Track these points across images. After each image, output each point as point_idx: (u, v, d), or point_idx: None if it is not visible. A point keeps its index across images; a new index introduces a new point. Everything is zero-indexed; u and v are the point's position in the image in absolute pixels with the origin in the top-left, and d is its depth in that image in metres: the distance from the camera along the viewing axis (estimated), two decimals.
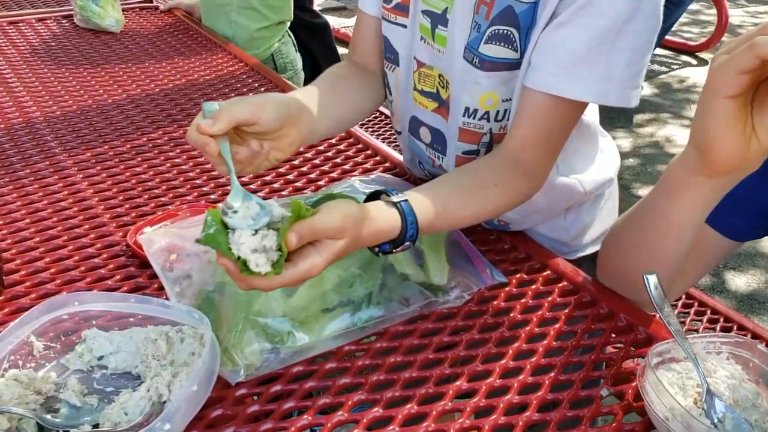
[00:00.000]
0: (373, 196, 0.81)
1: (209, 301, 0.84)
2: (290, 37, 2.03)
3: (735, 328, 1.40)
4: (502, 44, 0.86)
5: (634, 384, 0.79)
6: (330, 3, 4.37)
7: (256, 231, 0.67)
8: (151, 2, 2.17)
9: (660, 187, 0.80)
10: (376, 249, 0.79)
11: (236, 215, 0.68)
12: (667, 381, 0.74)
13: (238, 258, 0.65)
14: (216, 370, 0.72)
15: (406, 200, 0.78)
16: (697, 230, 0.80)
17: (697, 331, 1.42)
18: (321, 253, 0.69)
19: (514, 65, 0.87)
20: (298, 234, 0.67)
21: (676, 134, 3.95)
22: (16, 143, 1.26)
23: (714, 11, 5.25)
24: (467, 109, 0.93)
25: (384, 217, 0.76)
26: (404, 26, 0.98)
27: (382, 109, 2.16)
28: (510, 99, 0.90)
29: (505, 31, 0.86)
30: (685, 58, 5.20)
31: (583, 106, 0.88)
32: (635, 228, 0.85)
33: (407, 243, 0.78)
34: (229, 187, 1.12)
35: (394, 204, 0.77)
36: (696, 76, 4.86)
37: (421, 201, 0.80)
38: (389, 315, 0.85)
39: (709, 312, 1.47)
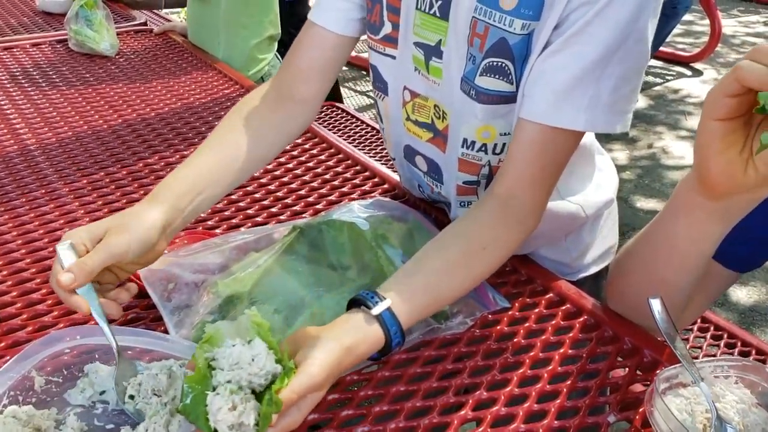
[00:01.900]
0: (353, 303, 0.78)
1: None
2: (279, 60, 2.03)
3: (739, 344, 1.39)
4: (497, 76, 0.85)
5: (641, 409, 0.78)
6: None
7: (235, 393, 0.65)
8: (146, 25, 2.17)
9: (667, 206, 0.79)
10: None
11: (222, 356, 0.67)
12: (676, 407, 0.73)
13: (215, 430, 0.64)
14: None
15: (388, 309, 0.75)
16: (704, 261, 0.78)
17: (700, 348, 1.41)
18: (301, 408, 0.68)
19: (510, 98, 0.86)
20: (283, 417, 0.66)
21: (672, 146, 3.96)
22: (11, 170, 1.25)
23: (707, 22, 5.29)
24: (465, 140, 0.92)
25: (365, 339, 0.74)
26: (393, 57, 0.97)
27: (372, 123, 2.16)
28: (508, 133, 0.89)
29: (500, 64, 0.85)
30: (679, 68, 5.22)
31: (577, 136, 0.86)
32: (642, 252, 0.84)
33: (395, 350, 0.78)
34: (226, 214, 1.12)
35: (375, 318, 0.75)
36: (690, 86, 4.88)
37: (404, 299, 0.77)
38: None
39: (712, 328, 1.46)
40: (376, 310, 0.75)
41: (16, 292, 0.94)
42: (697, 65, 5.25)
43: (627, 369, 0.84)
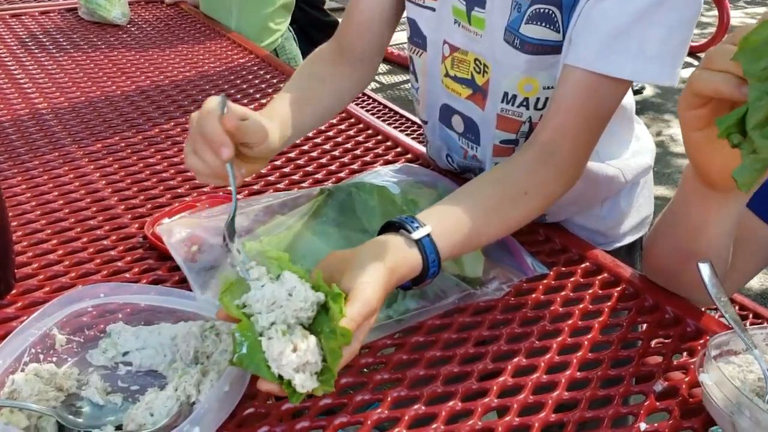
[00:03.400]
0: (389, 226, 0.74)
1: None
2: (291, 32, 1.99)
3: (766, 324, 1.36)
4: (544, 24, 0.82)
5: (687, 379, 0.75)
6: (339, 3, 4.37)
7: (286, 328, 0.61)
8: None
9: (678, 192, 0.79)
10: None
11: (255, 300, 0.63)
12: (728, 374, 0.70)
13: (280, 377, 0.60)
14: None
15: (428, 235, 0.72)
16: (727, 236, 0.77)
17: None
18: (358, 337, 0.64)
19: (556, 48, 0.83)
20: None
21: (679, 134, 3.91)
22: (23, 134, 1.22)
23: (715, 12, 5.24)
24: (506, 94, 0.89)
25: (405, 263, 0.70)
26: (432, 9, 0.94)
27: (392, 105, 2.12)
28: (551, 87, 0.86)
29: (547, 11, 0.81)
30: (687, 58, 5.18)
31: (622, 87, 0.83)
32: (669, 229, 0.82)
33: (428, 280, 0.74)
34: (247, 181, 1.08)
35: (416, 242, 0.71)
36: None
37: (444, 230, 0.73)
38: (426, 307, 0.80)
39: (737, 308, 1.43)
40: (417, 235, 0.71)
41: (31, 253, 0.90)
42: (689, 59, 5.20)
43: (670, 339, 0.81)
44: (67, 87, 1.42)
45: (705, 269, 0.75)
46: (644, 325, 0.83)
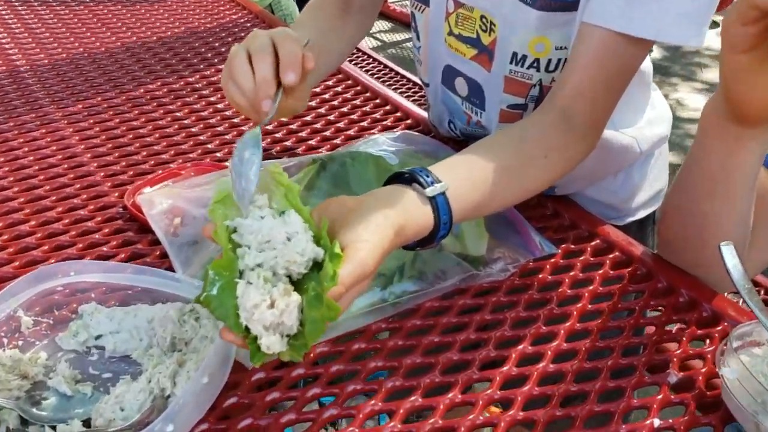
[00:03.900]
0: (398, 177, 0.67)
1: None
2: None
3: None
4: None
5: (703, 369, 0.69)
6: None
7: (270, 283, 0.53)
8: None
9: (697, 140, 0.73)
10: None
11: (249, 231, 0.55)
12: (752, 369, 0.64)
13: (247, 329, 0.52)
14: (232, 354, 0.62)
15: (443, 194, 0.65)
16: (749, 188, 0.72)
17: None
18: (344, 301, 0.56)
19: (571, 5, 0.76)
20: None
21: (687, 98, 3.84)
22: None
23: None
24: (515, 54, 0.81)
25: (414, 222, 0.63)
26: None
27: (393, 66, 2.03)
28: (564, 47, 0.79)
29: None
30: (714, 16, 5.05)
31: (644, 48, 0.76)
32: (684, 192, 0.77)
33: (434, 244, 0.67)
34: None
35: (429, 199, 0.65)
36: (706, 38, 4.72)
37: (459, 189, 0.66)
38: (424, 289, 0.74)
39: (762, 292, 1.37)
40: (431, 191, 0.64)
41: (2, 223, 0.84)
42: (715, 17, 5.07)
43: (685, 324, 0.75)
44: (48, 43, 1.34)
45: (727, 252, 0.68)
46: (658, 309, 0.78)
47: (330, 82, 1.24)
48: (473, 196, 0.68)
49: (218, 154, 1.01)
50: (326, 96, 1.20)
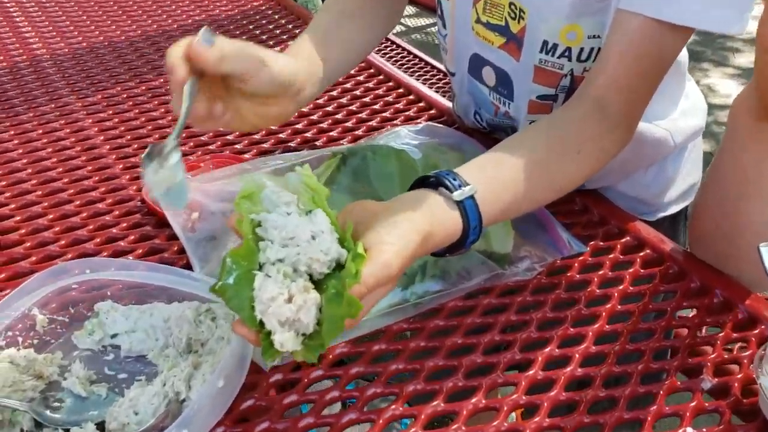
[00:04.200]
0: (424, 182, 0.65)
1: None
2: None
3: None
4: None
5: (739, 375, 0.66)
6: None
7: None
8: None
9: (728, 136, 0.69)
10: None
11: (273, 226, 0.54)
12: None
13: (261, 324, 0.51)
14: (249, 355, 0.60)
15: (471, 197, 0.62)
16: None
17: None
18: (366, 303, 0.54)
19: None
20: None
21: (719, 84, 3.75)
22: (19, 83, 1.14)
23: None
24: (545, 43, 0.78)
25: (442, 229, 0.61)
26: None
27: (417, 52, 2.00)
28: (597, 36, 0.76)
29: None
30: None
31: (683, 37, 0.73)
32: (715, 190, 0.74)
33: (463, 250, 0.64)
34: (256, 138, 1.00)
35: (457, 203, 0.62)
36: None
37: (489, 191, 0.64)
38: (447, 289, 0.72)
39: None
40: (459, 196, 0.61)
41: (20, 217, 0.84)
42: None
43: (720, 327, 0.72)
44: (69, 32, 1.33)
45: (767, 253, 0.65)
46: (692, 311, 0.75)
47: (352, 71, 1.22)
48: (503, 197, 0.65)
49: (238, 146, 0.99)
50: (348, 85, 1.17)
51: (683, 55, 0.87)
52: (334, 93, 1.15)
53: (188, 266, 0.75)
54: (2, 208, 0.85)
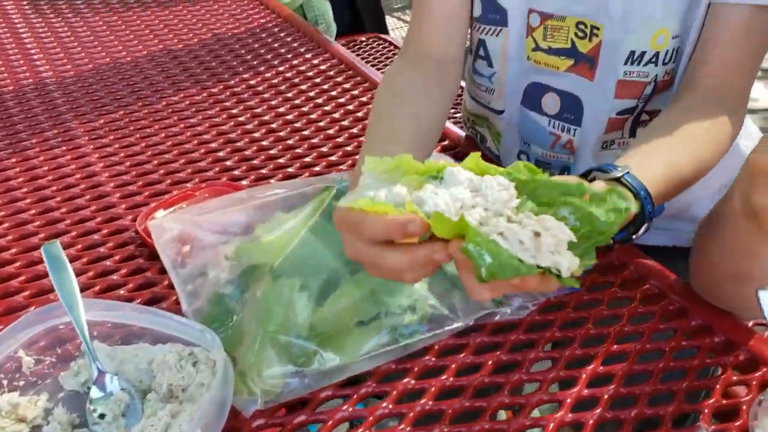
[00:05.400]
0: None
1: (222, 304, 0.72)
2: None
3: None
4: None
5: (738, 423, 0.64)
6: None
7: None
8: None
9: (721, 213, 0.66)
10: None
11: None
12: None
13: (538, 266, 0.49)
14: (228, 400, 0.60)
15: (628, 171, 0.62)
16: None
17: None
18: None
19: None
20: None
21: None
22: (24, 107, 1.15)
23: None
24: (632, 53, 0.78)
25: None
26: None
27: None
28: (677, 36, 0.77)
29: None
30: None
31: None
32: (705, 263, 0.72)
33: (646, 224, 0.63)
34: (255, 163, 0.99)
35: (616, 180, 0.61)
36: None
37: (642, 164, 0.63)
38: (438, 330, 0.70)
39: None
40: (616, 174, 0.61)
41: (16, 249, 0.84)
42: None
43: (720, 369, 0.70)
44: (76, 53, 1.34)
45: (765, 298, 0.63)
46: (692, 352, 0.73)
47: (356, 92, 1.21)
48: (660, 168, 0.66)
49: (236, 172, 0.99)
50: (350, 107, 1.17)
51: None
52: (336, 115, 1.14)
53: (177, 301, 0.74)
54: (1, 238, 0.85)
